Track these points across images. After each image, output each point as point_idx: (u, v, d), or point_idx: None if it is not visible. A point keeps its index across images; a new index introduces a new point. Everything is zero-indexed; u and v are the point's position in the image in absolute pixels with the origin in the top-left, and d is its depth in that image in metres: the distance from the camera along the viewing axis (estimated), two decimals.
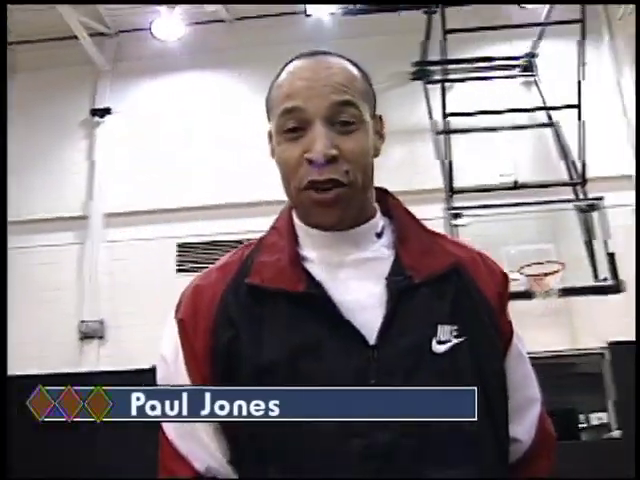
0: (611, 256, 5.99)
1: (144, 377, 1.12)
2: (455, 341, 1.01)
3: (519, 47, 7.53)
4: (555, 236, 6.53)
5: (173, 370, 1.07)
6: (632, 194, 7.05)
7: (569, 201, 6.78)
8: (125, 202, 7.38)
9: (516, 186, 6.80)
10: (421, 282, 1.04)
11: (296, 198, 1.08)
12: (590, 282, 6.13)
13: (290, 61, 1.12)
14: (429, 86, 7.28)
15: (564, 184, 6.95)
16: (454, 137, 6.87)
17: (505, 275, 1.18)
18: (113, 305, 7.12)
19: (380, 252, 1.11)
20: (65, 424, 0.96)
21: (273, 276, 1.05)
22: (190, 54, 7.63)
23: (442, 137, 6.84)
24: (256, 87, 7.54)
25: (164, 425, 1.08)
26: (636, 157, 6.39)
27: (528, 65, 7.52)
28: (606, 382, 6.37)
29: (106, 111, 7.57)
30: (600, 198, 6.60)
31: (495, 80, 7.18)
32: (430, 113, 7.11)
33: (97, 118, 7.58)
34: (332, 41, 7.26)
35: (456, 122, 6.83)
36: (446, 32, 6.42)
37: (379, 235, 1.13)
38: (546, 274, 5.59)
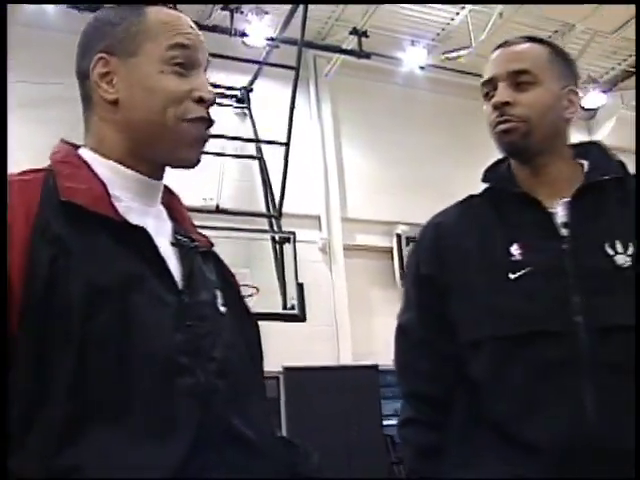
0: (300, 286, 6.48)
1: None
2: (223, 309, 1.11)
3: (237, 79, 7.89)
4: (250, 262, 6.86)
5: None
6: (318, 233, 7.75)
7: (265, 231, 7.22)
8: None
9: (218, 210, 7.06)
10: (201, 251, 1.14)
11: (172, 127, 1.07)
12: (279, 309, 6.55)
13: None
14: None
15: (262, 215, 7.39)
16: None
17: None
18: None
19: (164, 211, 1.16)
20: None
21: (91, 201, 1.00)
22: None
23: None
24: None
25: None
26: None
27: (243, 97, 7.90)
28: (280, 404, 6.84)
29: None
30: (292, 233, 7.15)
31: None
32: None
33: None
34: (54, 33, 6.90)
35: None
36: None
37: None
38: None
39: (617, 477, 1.16)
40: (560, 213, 1.32)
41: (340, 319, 7.45)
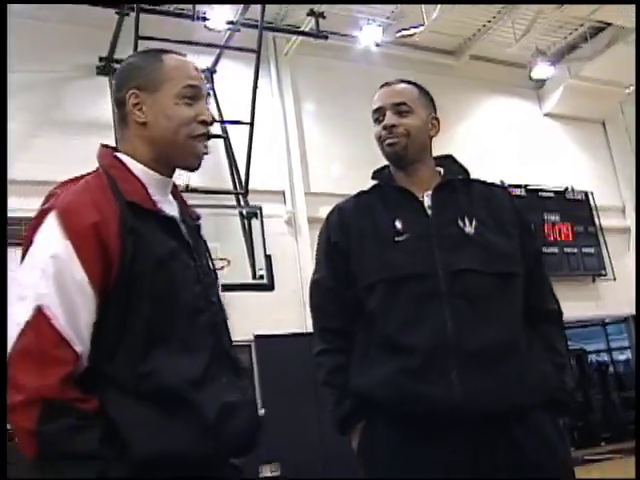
0: (268, 258, 6.90)
1: None
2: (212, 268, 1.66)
3: (200, 61, 8.17)
4: (220, 237, 7.25)
5: (70, 263, 1.34)
6: (283, 207, 8.16)
7: (233, 207, 7.60)
8: None
9: (187, 190, 7.41)
10: (195, 225, 1.63)
11: (183, 143, 1.52)
12: (249, 279, 6.97)
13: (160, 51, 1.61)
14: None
15: (229, 192, 7.77)
16: None
17: None
18: None
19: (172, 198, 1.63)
20: None
21: (143, 200, 1.46)
22: None
23: None
24: None
25: (50, 308, 1.30)
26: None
27: (207, 79, 8.19)
28: (253, 370, 7.24)
29: None
30: (259, 207, 7.55)
31: None
32: (113, 109, 7.34)
33: None
34: (17, 19, 7.09)
35: None
36: (138, 38, 6.74)
37: None
38: None
39: (466, 367, 1.74)
40: (426, 201, 1.95)
41: (307, 287, 7.80)
